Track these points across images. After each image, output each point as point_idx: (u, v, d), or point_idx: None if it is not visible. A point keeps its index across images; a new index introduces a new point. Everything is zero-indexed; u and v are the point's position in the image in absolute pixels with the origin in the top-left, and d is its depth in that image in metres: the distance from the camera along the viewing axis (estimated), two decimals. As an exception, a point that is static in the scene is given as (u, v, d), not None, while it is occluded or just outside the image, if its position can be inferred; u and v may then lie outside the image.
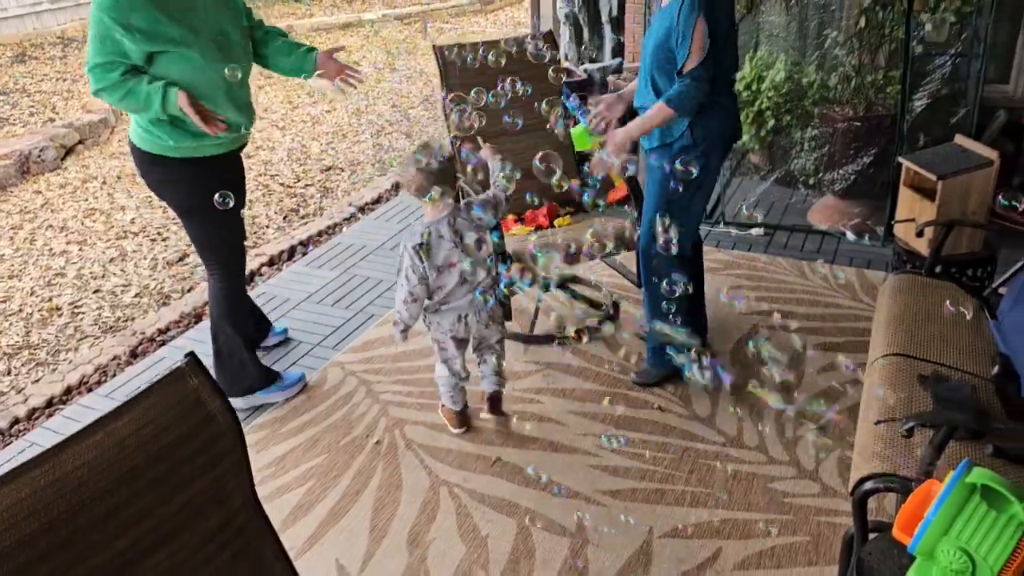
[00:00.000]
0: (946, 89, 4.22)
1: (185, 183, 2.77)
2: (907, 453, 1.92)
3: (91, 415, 3.10)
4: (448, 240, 2.60)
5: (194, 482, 1.18)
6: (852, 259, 3.98)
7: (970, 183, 3.13)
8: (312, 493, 2.65)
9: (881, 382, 2.23)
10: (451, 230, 2.61)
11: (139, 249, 4.75)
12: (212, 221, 2.80)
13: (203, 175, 2.75)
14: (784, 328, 3.39)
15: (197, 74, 2.62)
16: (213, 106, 2.64)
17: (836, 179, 4.32)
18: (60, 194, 5.59)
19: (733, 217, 4.43)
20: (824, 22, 4.45)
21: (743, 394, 2.97)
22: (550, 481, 2.63)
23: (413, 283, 2.61)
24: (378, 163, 6.03)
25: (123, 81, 2.56)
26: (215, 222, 2.80)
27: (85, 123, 6.55)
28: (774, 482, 2.59)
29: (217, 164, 2.79)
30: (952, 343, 2.39)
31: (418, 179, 2.56)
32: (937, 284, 2.69)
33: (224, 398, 1.27)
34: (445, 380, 2.85)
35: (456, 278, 2.65)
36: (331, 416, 3.02)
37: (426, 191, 2.57)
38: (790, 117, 4.51)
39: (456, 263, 2.62)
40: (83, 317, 4.05)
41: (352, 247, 4.43)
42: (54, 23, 9.99)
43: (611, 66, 6.19)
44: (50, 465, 1.09)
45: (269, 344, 3.49)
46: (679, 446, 2.77)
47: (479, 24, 11.12)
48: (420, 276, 2.61)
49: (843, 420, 2.81)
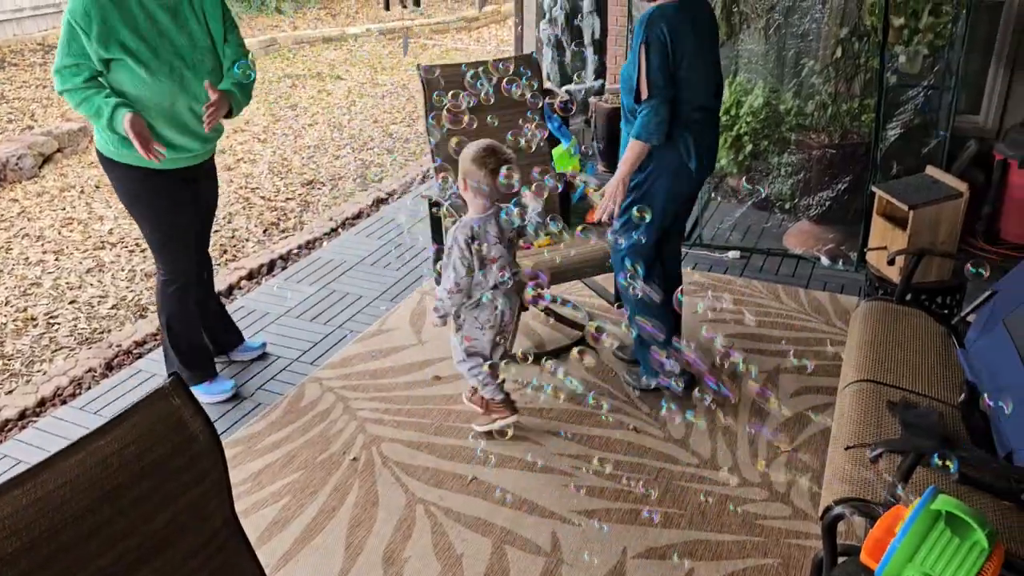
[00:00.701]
0: (919, 119, 4.33)
1: (130, 188, 2.92)
2: (876, 478, 1.97)
3: (65, 428, 3.08)
4: (493, 236, 2.75)
5: (176, 500, 1.20)
6: (826, 284, 4.05)
7: (940, 213, 3.21)
8: (288, 509, 2.65)
9: (851, 408, 2.28)
10: (497, 227, 2.75)
11: (117, 260, 4.72)
12: (150, 225, 2.98)
13: (147, 185, 2.90)
14: (758, 352, 3.44)
15: (144, 89, 2.74)
16: (156, 124, 2.79)
17: (811, 204, 4.40)
18: (37, 203, 5.55)
19: (711, 240, 4.50)
20: (802, 51, 4.55)
21: (716, 416, 3.01)
22: (525, 500, 2.65)
23: (461, 274, 2.74)
24: (359, 178, 6.04)
25: (85, 87, 2.72)
26: (159, 228, 2.97)
27: (64, 131, 6.51)
28: (746, 504, 2.63)
29: (164, 177, 2.91)
30: (921, 370, 2.44)
31: (476, 174, 2.69)
32: (907, 311, 2.75)
33: (206, 418, 1.28)
34: (478, 365, 2.90)
35: (496, 274, 2.78)
36: (308, 432, 3.03)
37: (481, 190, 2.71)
38: (767, 142, 4.60)
39: (498, 258, 2.76)
40: (58, 328, 4.02)
41: (332, 262, 4.44)
42: (35, 29, 9.92)
43: (593, 87, 6.27)
44: (32, 484, 1.10)
45: (244, 359, 3.49)
46: (653, 467, 2.80)
47: (462, 41, 11.19)
48: (468, 267, 2.74)
49: (815, 444, 2.86)
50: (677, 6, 2.74)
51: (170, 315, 3.10)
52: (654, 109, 2.72)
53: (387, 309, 3.90)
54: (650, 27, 2.69)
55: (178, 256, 3.04)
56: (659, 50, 2.69)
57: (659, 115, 2.72)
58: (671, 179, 2.89)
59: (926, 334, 2.64)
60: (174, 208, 2.97)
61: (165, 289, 3.07)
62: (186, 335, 3.16)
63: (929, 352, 2.54)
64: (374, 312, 3.88)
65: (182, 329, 3.14)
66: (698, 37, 2.78)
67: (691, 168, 2.87)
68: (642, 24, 2.73)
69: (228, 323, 3.47)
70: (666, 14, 2.71)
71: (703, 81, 2.82)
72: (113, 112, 2.68)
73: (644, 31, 2.71)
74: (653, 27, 2.69)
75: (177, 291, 3.07)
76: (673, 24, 2.70)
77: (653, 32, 2.69)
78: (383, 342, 3.60)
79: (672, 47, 2.70)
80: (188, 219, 3.05)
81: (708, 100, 2.87)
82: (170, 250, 3.03)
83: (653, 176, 2.86)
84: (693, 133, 2.84)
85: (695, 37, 2.75)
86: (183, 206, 3.00)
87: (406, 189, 5.64)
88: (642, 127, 2.75)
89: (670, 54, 2.70)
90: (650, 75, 2.70)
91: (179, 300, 3.09)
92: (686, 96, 2.78)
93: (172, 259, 3.04)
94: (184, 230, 3.04)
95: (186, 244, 3.06)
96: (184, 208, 3.01)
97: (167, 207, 2.95)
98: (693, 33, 2.75)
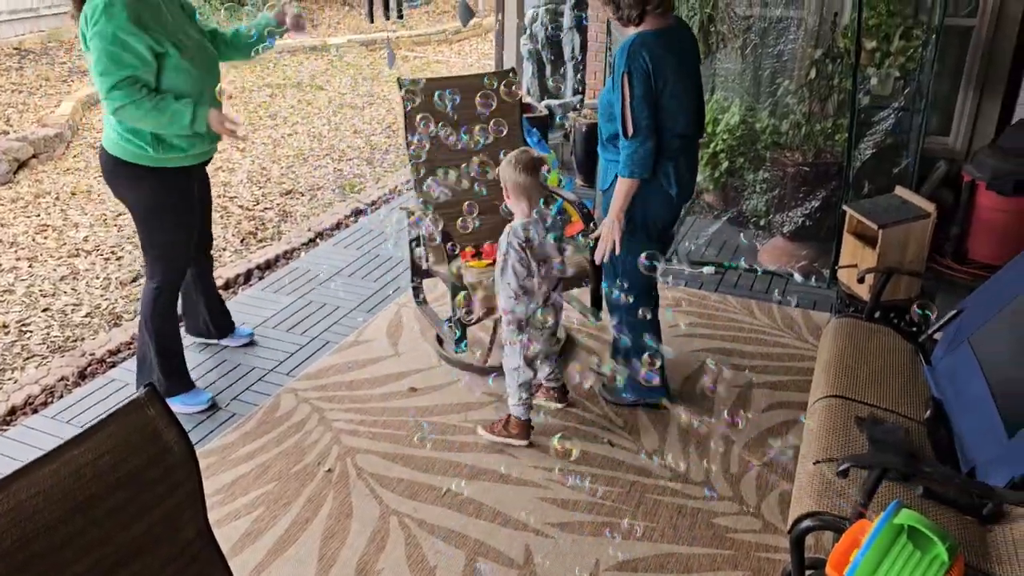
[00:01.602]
0: (890, 140, 4.42)
1: (148, 188, 2.95)
2: (843, 493, 2.01)
3: (36, 437, 3.06)
4: (543, 235, 2.85)
5: (151, 511, 1.20)
6: (799, 300, 4.11)
7: (909, 233, 3.28)
8: (261, 520, 2.64)
9: (820, 423, 2.32)
10: (545, 230, 2.85)
11: (92, 268, 4.69)
12: (164, 228, 3.01)
13: (167, 184, 2.97)
14: (732, 367, 3.48)
15: (190, 81, 2.86)
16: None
17: (785, 221, 4.46)
18: (11, 209, 5.50)
19: (686, 255, 4.55)
20: (777, 71, 4.63)
21: (688, 430, 3.05)
22: (499, 512, 2.66)
23: (522, 277, 2.82)
24: (338, 188, 6.05)
25: (148, 97, 2.76)
26: (167, 229, 3.02)
27: (40, 137, 6.45)
28: (718, 517, 2.66)
29: (181, 174, 3.00)
30: (889, 387, 2.49)
31: (512, 175, 2.79)
32: (876, 329, 2.81)
33: (180, 429, 1.29)
34: (525, 382, 2.95)
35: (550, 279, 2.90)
36: (283, 443, 3.02)
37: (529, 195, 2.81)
38: (743, 160, 4.66)
39: (549, 259, 2.86)
40: (31, 336, 3.98)
41: (309, 273, 4.44)
42: (11, 34, 9.84)
43: (572, 103, 6.33)
44: (5, 494, 1.11)
45: (234, 345, 3.66)
46: (627, 480, 2.83)
47: (444, 54, 11.24)
48: (527, 268, 2.82)
49: (785, 459, 2.90)
50: (658, 33, 2.72)
51: (160, 324, 3.11)
52: (639, 144, 2.72)
53: (364, 320, 3.90)
54: (632, 56, 2.68)
55: (178, 261, 3.11)
56: (642, 79, 2.67)
57: (644, 150, 2.72)
58: (652, 206, 2.89)
59: (894, 351, 2.69)
60: (190, 208, 3.09)
61: (157, 298, 3.08)
62: (172, 344, 3.18)
63: (897, 369, 2.59)
64: (351, 323, 3.89)
65: (169, 338, 3.16)
66: (680, 63, 2.77)
67: (672, 195, 2.88)
68: (623, 52, 2.70)
69: (224, 308, 3.65)
70: (647, 42, 2.69)
71: (685, 108, 2.81)
72: (195, 112, 2.79)
73: (626, 61, 2.68)
74: (635, 56, 2.67)
75: (168, 301, 3.11)
76: (655, 51, 2.68)
77: (635, 62, 2.67)
78: (360, 353, 3.61)
79: (654, 75, 2.68)
80: (196, 218, 3.19)
81: (688, 128, 2.85)
82: (174, 254, 3.08)
83: (634, 203, 2.85)
84: (674, 161, 2.84)
85: (677, 64, 2.75)
86: (194, 206, 3.13)
87: (386, 200, 5.66)
88: (628, 163, 2.74)
89: (652, 83, 2.69)
90: (633, 108, 2.68)
91: (168, 309, 3.13)
92: (668, 125, 2.77)
93: (171, 266, 3.09)
94: (191, 230, 3.14)
95: (188, 247, 3.15)
96: (195, 208, 3.14)
97: (185, 208, 3.06)
98: (676, 60, 2.74)
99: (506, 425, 3.00)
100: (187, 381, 3.25)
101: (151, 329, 3.11)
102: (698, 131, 2.97)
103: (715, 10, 4.67)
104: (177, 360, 3.20)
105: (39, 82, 8.45)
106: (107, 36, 2.67)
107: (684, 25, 2.93)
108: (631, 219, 2.88)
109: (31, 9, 10.02)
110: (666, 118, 2.76)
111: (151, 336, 3.11)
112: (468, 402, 3.25)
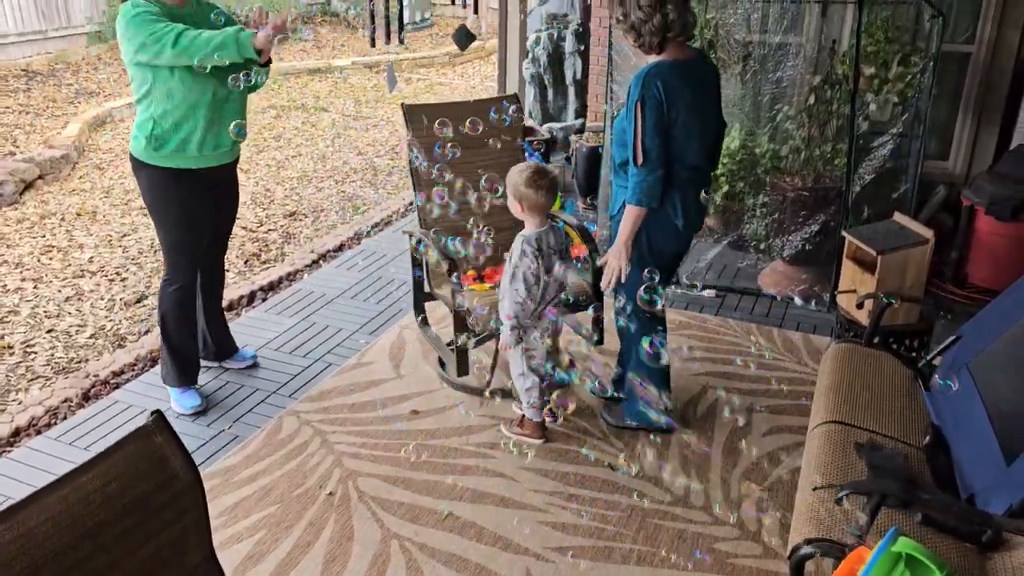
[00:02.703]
0: (889, 164, 4.46)
1: (157, 188, 3.12)
2: (842, 519, 2.02)
3: (40, 458, 3.07)
4: (555, 245, 2.96)
5: (157, 537, 1.22)
6: (799, 323, 4.13)
7: (908, 259, 3.30)
8: (263, 544, 2.65)
9: (820, 448, 2.34)
10: (555, 238, 2.95)
11: (96, 289, 4.72)
12: (167, 226, 3.17)
13: (173, 186, 3.11)
14: (732, 391, 3.50)
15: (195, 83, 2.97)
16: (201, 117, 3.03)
17: (785, 245, 4.49)
18: (17, 229, 5.54)
19: (688, 278, 4.58)
20: (776, 97, 4.68)
21: (691, 455, 3.06)
22: (499, 536, 2.67)
23: (530, 283, 2.91)
24: (341, 210, 6.09)
25: (186, 29, 2.84)
26: (170, 228, 3.17)
27: (46, 158, 6.51)
28: (718, 542, 2.67)
29: (185, 176, 3.12)
30: (888, 412, 2.51)
31: (532, 196, 2.87)
32: (876, 354, 2.82)
33: (187, 455, 1.31)
34: (535, 386, 3.04)
35: (554, 284, 2.98)
36: (285, 466, 3.04)
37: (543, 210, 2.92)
38: (743, 184, 4.70)
39: (556, 269, 2.94)
40: (35, 357, 4.00)
41: (312, 294, 4.47)
42: (20, 55, 9.95)
43: (573, 126, 6.39)
44: (13, 521, 1.13)
45: (237, 367, 3.69)
46: (627, 504, 2.84)
47: (447, 76, 11.33)
48: (535, 277, 2.91)
49: (786, 484, 2.91)
50: (675, 64, 2.73)
51: (165, 311, 3.30)
52: (648, 173, 2.73)
53: (366, 342, 3.92)
54: (646, 85, 2.69)
55: (183, 260, 3.25)
56: (654, 108, 2.68)
57: (653, 178, 2.73)
58: (658, 236, 2.90)
59: (893, 376, 2.71)
60: (193, 213, 3.19)
61: (166, 287, 3.28)
62: (177, 335, 3.33)
63: (896, 395, 2.61)
64: (353, 345, 3.91)
65: (174, 328, 3.32)
66: (696, 96, 2.76)
67: (678, 226, 2.88)
68: (638, 81, 2.71)
69: (227, 331, 3.69)
70: (663, 71, 2.71)
71: (698, 141, 2.81)
72: (237, 36, 2.83)
73: (640, 89, 2.69)
74: (649, 85, 2.68)
75: (176, 291, 3.27)
76: (669, 82, 2.69)
77: (649, 91, 2.68)
78: (362, 375, 3.62)
79: (667, 105, 2.69)
80: (203, 227, 3.26)
81: (700, 161, 2.85)
82: (179, 252, 3.23)
83: (641, 232, 2.86)
84: (682, 192, 2.84)
85: (693, 96, 2.74)
86: (202, 211, 3.22)
87: (388, 222, 5.69)
88: (636, 192, 2.76)
89: (665, 113, 2.69)
90: (644, 138, 2.69)
91: (177, 300, 3.28)
92: (679, 156, 2.77)
93: (177, 261, 3.25)
94: (197, 237, 3.25)
95: (194, 250, 3.26)
96: (201, 214, 3.22)
97: (187, 210, 3.16)
98: (691, 92, 2.74)
99: (521, 423, 3.15)
100: (188, 376, 3.40)
101: (161, 321, 3.32)
102: (711, 164, 2.96)
103: (715, 36, 4.73)
104: (182, 352, 3.36)
105: (46, 103, 8.53)
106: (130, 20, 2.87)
107: (708, 61, 2.94)
108: (638, 248, 2.90)
109: (39, 31, 10.14)
110: (677, 149, 2.76)
111: (161, 327, 3.32)
112: (469, 425, 3.26)
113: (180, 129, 3.04)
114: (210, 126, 3.08)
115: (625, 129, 2.81)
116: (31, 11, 10.01)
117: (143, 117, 3.05)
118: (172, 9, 2.98)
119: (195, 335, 3.44)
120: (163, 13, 2.93)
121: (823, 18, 4.60)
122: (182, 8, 3.03)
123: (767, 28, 4.69)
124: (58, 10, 10.31)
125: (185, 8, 3.04)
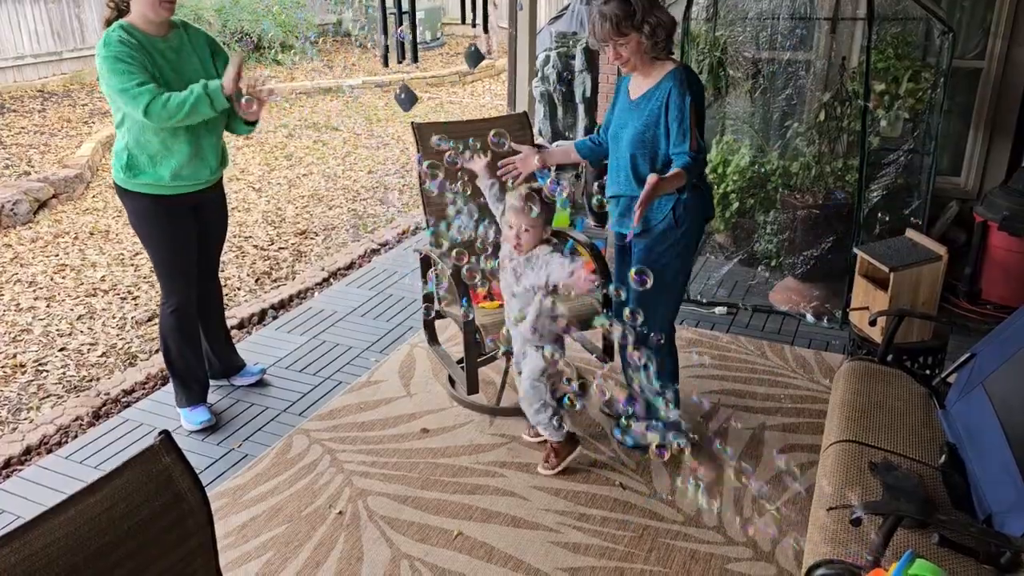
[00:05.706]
0: (901, 180, 4.44)
1: (140, 213, 3.15)
2: (858, 540, 1.99)
3: (50, 477, 3.07)
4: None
5: (163, 559, 1.21)
6: (811, 341, 4.10)
7: (920, 276, 3.27)
8: (272, 564, 2.64)
9: (833, 468, 2.31)
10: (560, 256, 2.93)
11: (108, 307, 4.74)
12: (153, 248, 3.20)
13: (155, 211, 3.13)
14: (744, 409, 3.47)
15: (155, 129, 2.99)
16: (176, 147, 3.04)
17: (796, 262, 4.47)
18: (31, 248, 5.58)
19: (699, 295, 4.55)
20: (786, 113, 4.67)
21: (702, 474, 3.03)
22: (510, 556, 2.64)
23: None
24: (352, 228, 6.11)
25: (161, 92, 2.88)
26: (156, 250, 3.20)
27: (60, 178, 6.57)
28: (731, 563, 2.63)
29: (172, 203, 3.13)
30: (902, 431, 2.48)
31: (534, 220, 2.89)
32: (889, 372, 2.79)
33: (194, 476, 1.30)
34: (540, 406, 2.99)
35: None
36: (294, 485, 3.02)
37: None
38: (753, 201, 4.69)
39: None
40: (47, 375, 4.02)
41: (323, 312, 4.47)
42: (35, 76, 10.08)
43: (583, 143, 6.37)
44: (20, 543, 1.12)
45: (243, 383, 3.69)
46: (639, 524, 2.81)
47: (457, 95, 11.39)
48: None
49: (800, 503, 2.88)
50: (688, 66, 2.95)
51: (166, 333, 3.32)
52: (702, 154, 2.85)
53: (377, 361, 3.92)
54: (690, 83, 2.82)
55: (176, 281, 3.26)
56: (700, 102, 2.86)
57: (703, 158, 2.88)
58: (701, 225, 3.05)
59: (907, 395, 2.68)
60: (176, 235, 3.19)
61: (164, 310, 3.30)
62: (180, 356, 3.35)
63: (910, 413, 2.58)
64: (363, 363, 3.91)
65: (176, 349, 3.33)
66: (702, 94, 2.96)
67: (709, 216, 3.06)
68: (678, 80, 2.81)
69: (232, 348, 3.71)
70: (690, 71, 2.90)
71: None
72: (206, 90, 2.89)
73: (686, 87, 2.80)
74: (694, 83, 2.84)
75: (174, 313, 3.28)
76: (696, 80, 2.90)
77: (694, 88, 2.82)
78: (372, 394, 3.62)
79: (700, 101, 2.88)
80: (189, 247, 3.25)
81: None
82: (169, 274, 3.25)
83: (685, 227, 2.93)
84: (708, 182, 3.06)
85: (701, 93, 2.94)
86: (185, 233, 3.22)
87: (399, 240, 5.70)
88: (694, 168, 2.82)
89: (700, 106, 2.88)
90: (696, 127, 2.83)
91: (175, 321, 3.29)
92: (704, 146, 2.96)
93: (170, 283, 3.26)
94: (184, 258, 3.25)
95: (184, 271, 3.26)
96: (186, 236, 3.22)
97: (170, 233, 3.18)
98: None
99: (554, 454, 3.06)
100: (194, 395, 3.41)
101: (163, 342, 3.34)
102: None
103: (724, 53, 4.73)
104: (186, 371, 3.37)
105: (61, 123, 8.62)
106: (108, 60, 2.88)
107: None
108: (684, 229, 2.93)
109: (54, 53, 10.27)
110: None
111: (163, 349, 3.36)
112: (479, 444, 3.25)
113: (154, 161, 3.04)
114: (188, 160, 3.08)
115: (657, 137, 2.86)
116: (47, 33, 10.15)
117: (119, 145, 3.07)
118: (154, 41, 2.97)
119: (200, 355, 3.44)
120: (143, 44, 2.93)
121: (832, 35, 4.60)
122: (165, 39, 3.01)
123: (776, 45, 4.69)
124: (73, 32, 10.46)
125: (169, 38, 3.03)
